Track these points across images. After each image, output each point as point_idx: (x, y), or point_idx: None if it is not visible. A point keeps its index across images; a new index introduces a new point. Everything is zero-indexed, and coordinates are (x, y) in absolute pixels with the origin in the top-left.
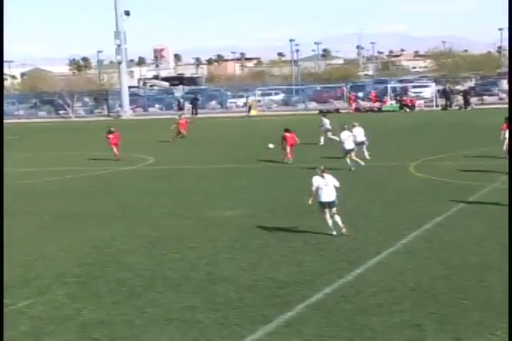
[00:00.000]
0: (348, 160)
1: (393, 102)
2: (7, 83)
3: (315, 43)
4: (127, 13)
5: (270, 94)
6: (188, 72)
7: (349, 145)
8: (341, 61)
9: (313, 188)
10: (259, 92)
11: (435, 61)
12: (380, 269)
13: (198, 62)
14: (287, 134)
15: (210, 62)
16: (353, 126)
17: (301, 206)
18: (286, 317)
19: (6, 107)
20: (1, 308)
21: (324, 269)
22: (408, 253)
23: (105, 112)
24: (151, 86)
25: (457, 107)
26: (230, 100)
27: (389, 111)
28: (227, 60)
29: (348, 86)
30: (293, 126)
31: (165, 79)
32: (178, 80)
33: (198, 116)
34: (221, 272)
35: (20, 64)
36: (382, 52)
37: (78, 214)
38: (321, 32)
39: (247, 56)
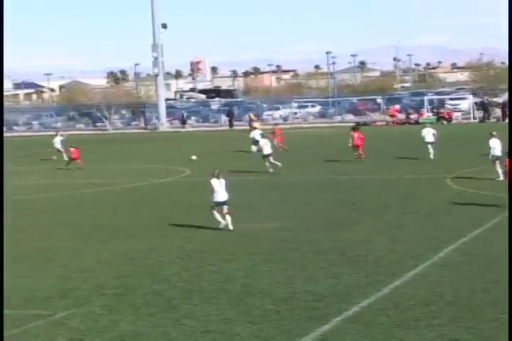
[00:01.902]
0: None
1: (430, 114)
2: (45, 95)
3: (351, 55)
4: (164, 26)
5: (306, 107)
6: (225, 84)
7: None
8: (378, 73)
9: (211, 189)
10: (296, 105)
11: (473, 73)
12: (418, 282)
13: (234, 75)
14: (355, 134)
15: (246, 74)
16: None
17: (339, 218)
18: (323, 330)
19: (45, 119)
20: (1, 308)
21: (361, 282)
22: (445, 266)
23: (142, 124)
24: (187, 98)
25: (495, 120)
26: (266, 112)
27: (426, 123)
28: (263, 73)
29: (385, 98)
30: (329, 139)
31: (202, 91)
32: (214, 93)
33: (234, 128)
34: (258, 284)
35: (59, 76)
36: (419, 65)
37: (115, 226)
38: (358, 44)
39: (284, 68)
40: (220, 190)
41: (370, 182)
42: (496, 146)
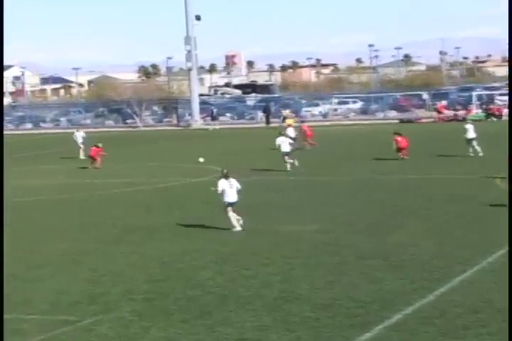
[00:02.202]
0: None
1: (479, 111)
2: (74, 91)
3: (395, 48)
4: (198, 18)
5: (347, 103)
6: (261, 79)
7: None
8: (423, 67)
9: (220, 190)
10: (336, 100)
11: None
12: (465, 288)
13: (271, 69)
14: (398, 138)
15: (284, 68)
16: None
17: (381, 220)
18: (365, 338)
19: (73, 116)
20: (1, 309)
21: (405, 288)
22: (494, 272)
23: (174, 121)
24: (222, 94)
25: None
26: (304, 109)
27: (474, 120)
28: (302, 67)
29: (431, 94)
30: (370, 137)
31: (237, 86)
32: (250, 88)
33: (271, 125)
34: (296, 290)
35: (88, 71)
36: (467, 58)
37: (147, 228)
38: (402, 37)
39: (323, 62)
40: (229, 190)
41: (414, 182)
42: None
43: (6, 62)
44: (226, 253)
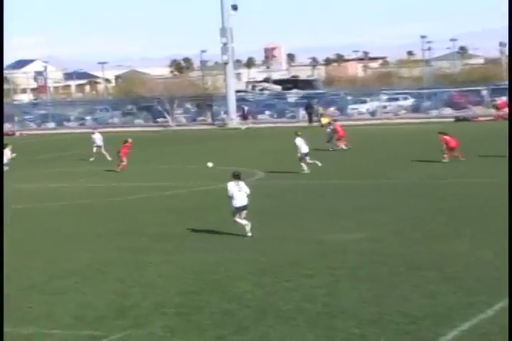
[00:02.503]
0: None
1: None
2: (100, 87)
3: (450, 40)
4: (235, 8)
5: (397, 99)
6: (303, 73)
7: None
8: (481, 60)
9: (230, 194)
10: (385, 97)
11: None
12: None
13: (314, 63)
14: (446, 137)
15: (328, 62)
16: None
17: (435, 228)
18: None
19: (99, 114)
20: (1, 311)
21: (461, 302)
22: None
23: (209, 120)
24: (261, 90)
25: None
26: (351, 106)
27: None
28: (348, 60)
29: (490, 89)
30: (422, 136)
31: (277, 82)
32: (291, 83)
33: (314, 124)
34: (341, 304)
35: (115, 65)
36: None
37: (179, 235)
38: (458, 27)
39: (371, 55)
40: (238, 194)
41: (470, 187)
42: None
43: (27, 57)
44: (265, 263)
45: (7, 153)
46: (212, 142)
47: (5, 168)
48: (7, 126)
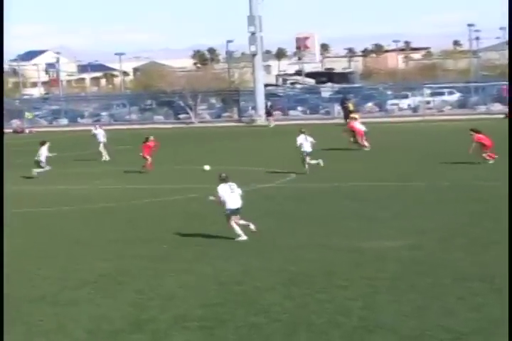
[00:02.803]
0: None
1: None
2: (117, 80)
3: (500, 29)
4: None
5: (442, 94)
6: (339, 66)
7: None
8: None
9: (221, 197)
10: (428, 91)
11: None
12: None
13: (350, 54)
14: (480, 135)
15: (366, 53)
16: None
17: (482, 236)
18: None
19: (116, 110)
20: (1, 310)
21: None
22: None
23: (235, 116)
24: (292, 83)
25: None
26: (391, 101)
27: None
28: (387, 51)
29: None
30: (469, 134)
31: (310, 75)
32: (326, 76)
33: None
34: (379, 317)
35: (133, 57)
36: None
37: (202, 243)
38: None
39: (413, 45)
40: (230, 195)
41: None
42: None
43: (38, 47)
44: (296, 273)
45: (44, 151)
46: (238, 140)
47: (40, 170)
48: (16, 123)
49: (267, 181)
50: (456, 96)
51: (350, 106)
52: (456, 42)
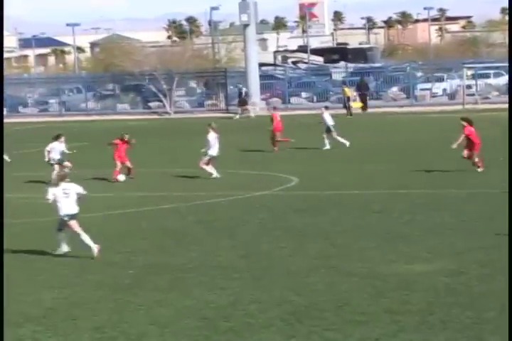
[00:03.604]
0: None
1: None
2: (69, 58)
3: None
4: None
5: (487, 76)
6: (355, 40)
7: None
8: None
9: (51, 200)
10: (469, 73)
11: None
12: None
13: (370, 25)
14: (471, 128)
15: (389, 24)
16: None
17: None
18: None
19: (69, 97)
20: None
21: None
22: None
23: (222, 105)
24: (294, 63)
25: None
26: (420, 85)
27: None
28: (417, 21)
29: None
30: None
31: (317, 51)
32: (338, 53)
33: (369, 110)
34: None
35: (90, 29)
36: None
37: (179, 267)
38: None
39: (450, 14)
40: (64, 201)
41: None
42: None
43: None
44: (300, 305)
45: (55, 147)
46: (226, 136)
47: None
48: None
49: (262, 188)
50: (504, 78)
51: (347, 92)
52: (504, 10)
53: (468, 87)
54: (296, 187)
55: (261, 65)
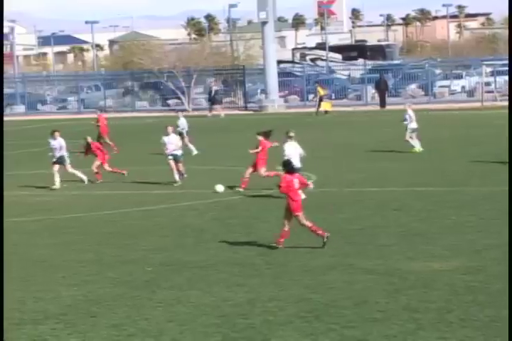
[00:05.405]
0: None
1: None
2: (88, 56)
3: None
4: None
5: (506, 73)
6: (373, 37)
7: None
8: None
9: None
10: (488, 69)
11: None
12: None
13: (389, 22)
14: (263, 140)
15: (407, 21)
16: None
17: None
18: None
19: (88, 94)
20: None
21: None
22: None
23: (240, 103)
24: (313, 60)
25: None
26: (439, 83)
27: None
28: (435, 18)
29: None
30: None
31: (336, 48)
32: (356, 51)
33: (387, 108)
34: None
35: (109, 26)
36: None
37: (198, 264)
38: None
39: (469, 11)
40: None
41: None
42: None
43: None
44: (319, 302)
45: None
46: (244, 133)
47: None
48: None
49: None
50: None
51: (320, 91)
52: None
53: (487, 84)
54: (314, 184)
55: (279, 62)
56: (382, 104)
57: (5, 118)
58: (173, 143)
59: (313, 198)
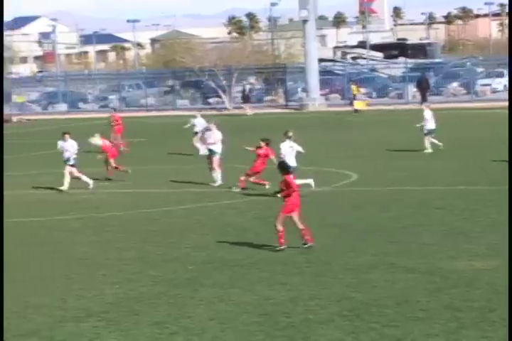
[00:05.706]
0: None
1: None
2: (129, 54)
3: None
4: None
5: None
6: (415, 35)
7: None
8: None
9: None
10: None
11: None
12: None
13: (430, 20)
14: (262, 150)
15: (449, 19)
16: None
17: None
18: None
19: (129, 92)
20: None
21: None
22: None
23: (281, 101)
24: (354, 58)
25: None
26: (481, 81)
27: None
28: (477, 16)
29: None
30: None
31: (377, 47)
32: (397, 49)
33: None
34: None
35: (151, 25)
36: None
37: (239, 262)
38: None
39: None
40: None
41: None
42: None
43: (29, 12)
44: (360, 301)
45: (73, 145)
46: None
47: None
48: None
49: (321, 184)
50: None
51: (354, 90)
52: None
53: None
54: (355, 183)
55: (320, 60)
56: (424, 100)
57: (47, 117)
58: (211, 137)
59: (356, 196)
